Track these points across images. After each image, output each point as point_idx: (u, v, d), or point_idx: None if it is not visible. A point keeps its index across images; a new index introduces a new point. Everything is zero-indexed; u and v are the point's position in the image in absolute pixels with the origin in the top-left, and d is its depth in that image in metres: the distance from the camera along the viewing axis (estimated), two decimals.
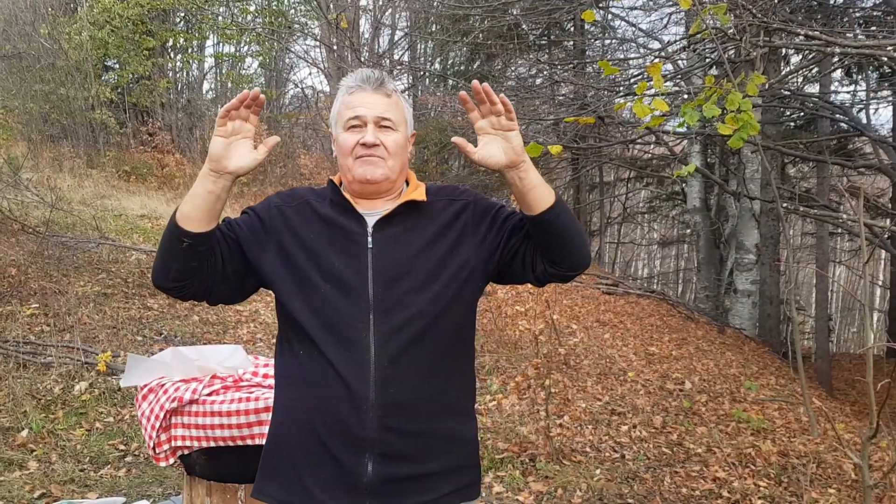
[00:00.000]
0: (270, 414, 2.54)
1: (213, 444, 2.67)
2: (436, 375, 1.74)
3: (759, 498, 4.68)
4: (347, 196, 1.78)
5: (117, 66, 16.81)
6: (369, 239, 1.74)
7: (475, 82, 1.57)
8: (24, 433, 4.71)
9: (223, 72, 19.12)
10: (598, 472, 5.04)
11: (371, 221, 1.76)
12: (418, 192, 1.81)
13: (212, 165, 1.63)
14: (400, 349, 1.69)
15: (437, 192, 1.85)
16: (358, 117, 1.74)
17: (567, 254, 1.73)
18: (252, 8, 18.44)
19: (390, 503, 1.71)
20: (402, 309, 1.70)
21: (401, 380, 1.69)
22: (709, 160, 14.36)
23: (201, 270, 1.70)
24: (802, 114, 12.18)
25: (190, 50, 18.64)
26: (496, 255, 1.78)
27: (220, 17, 18.28)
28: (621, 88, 7.96)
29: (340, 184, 1.87)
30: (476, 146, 1.69)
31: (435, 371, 1.73)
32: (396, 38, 19.30)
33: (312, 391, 1.72)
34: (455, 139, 1.65)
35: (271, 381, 2.74)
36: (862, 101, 11.92)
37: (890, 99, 11.97)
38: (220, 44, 18.96)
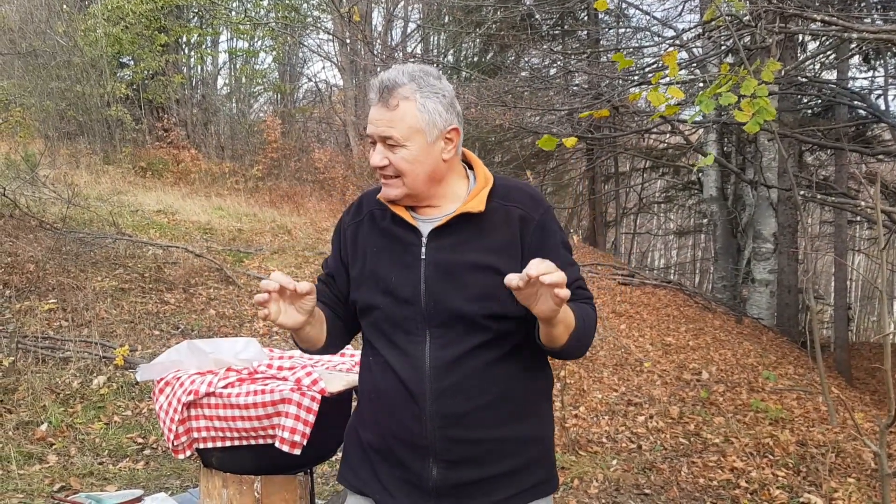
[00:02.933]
0: (286, 406, 2.57)
1: (229, 443, 2.68)
2: (496, 383, 1.71)
3: (778, 488, 4.65)
4: (398, 211, 1.76)
5: (132, 62, 16.89)
6: (423, 249, 1.72)
7: (561, 279, 1.40)
8: (44, 427, 4.76)
9: (237, 67, 19.17)
10: (614, 462, 5.03)
11: (426, 230, 1.73)
12: (477, 201, 1.72)
13: (293, 329, 1.67)
14: (455, 361, 1.67)
15: (505, 196, 1.76)
16: (370, 135, 1.71)
17: (560, 357, 1.79)
18: (265, 3, 18.46)
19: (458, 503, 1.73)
20: (456, 323, 1.68)
21: (458, 391, 1.68)
22: (725, 149, 14.24)
23: (341, 342, 1.89)
24: (820, 101, 12.05)
25: (203, 45, 18.69)
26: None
27: (233, 13, 18.32)
28: (636, 77, 7.92)
29: None
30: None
31: (495, 379, 1.70)
32: (409, 30, 19.27)
33: (380, 395, 1.76)
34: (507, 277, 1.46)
35: (286, 374, 2.75)
36: (880, 87, 11.77)
37: None
38: (234, 39, 19.02)
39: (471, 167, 1.83)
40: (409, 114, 1.66)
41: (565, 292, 1.40)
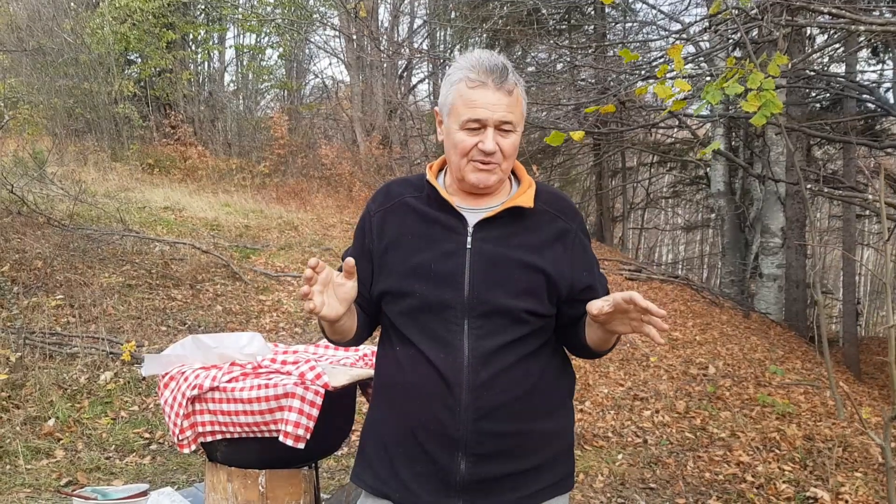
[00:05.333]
0: (289, 400, 2.57)
1: (234, 435, 2.69)
2: (529, 377, 1.72)
3: (784, 482, 4.63)
4: (446, 196, 1.74)
5: (139, 59, 16.93)
6: (468, 239, 1.71)
7: (661, 313, 1.47)
8: (51, 422, 4.78)
9: (244, 63, 19.19)
10: (620, 456, 5.03)
11: (472, 220, 1.73)
12: (525, 197, 1.74)
13: (329, 322, 1.66)
14: (493, 353, 1.67)
15: (548, 201, 1.79)
16: (478, 120, 1.65)
17: (583, 357, 1.86)
18: None
19: (483, 500, 1.71)
20: (497, 314, 1.68)
21: (494, 383, 1.67)
22: (733, 143, 14.18)
23: (367, 334, 1.87)
24: (828, 94, 11.98)
25: (210, 42, 18.72)
26: (570, 294, 1.76)
27: (239, 9, 18.33)
28: (642, 71, 7.87)
29: (441, 169, 1.84)
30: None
31: (528, 373, 1.71)
32: (415, 25, 19.23)
33: (410, 387, 1.72)
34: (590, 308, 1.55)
35: (290, 368, 2.76)
36: (889, 80, 11.70)
37: None
38: (241, 35, 19.05)
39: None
40: (520, 100, 1.70)
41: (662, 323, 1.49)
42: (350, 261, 1.58)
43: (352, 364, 3.01)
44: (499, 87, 1.65)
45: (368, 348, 3.11)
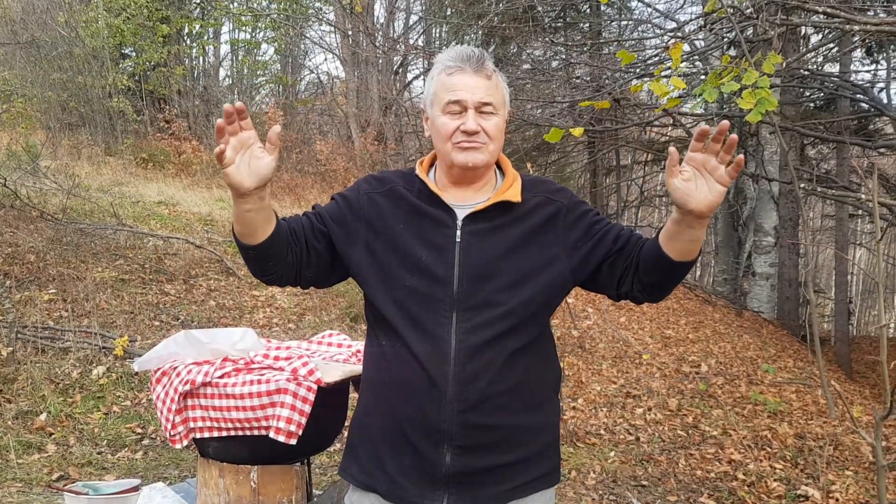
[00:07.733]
0: (282, 396, 2.57)
1: (226, 433, 2.69)
2: (515, 371, 1.72)
3: (775, 480, 4.65)
4: (435, 189, 1.75)
5: (133, 53, 16.86)
6: (458, 233, 1.72)
7: (725, 123, 1.43)
8: (43, 417, 4.77)
9: (239, 58, 19.13)
10: (612, 454, 5.04)
11: (461, 215, 1.73)
12: (513, 191, 1.75)
13: (235, 193, 1.59)
14: (480, 346, 1.67)
15: (533, 188, 1.80)
16: (458, 102, 1.69)
17: (662, 292, 1.75)
18: None
19: (469, 492, 1.72)
20: (486, 308, 1.68)
21: (480, 376, 1.68)
22: None
23: (282, 264, 1.73)
24: (822, 94, 12.01)
25: (205, 37, 18.65)
26: (587, 265, 1.75)
27: (234, 4, 18.27)
28: (637, 69, 7.88)
29: (431, 165, 1.85)
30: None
31: (514, 367, 1.72)
32: (411, 22, 19.20)
33: (396, 381, 1.73)
34: (672, 150, 1.48)
35: (282, 364, 2.76)
36: (883, 80, 11.73)
37: None
38: (236, 30, 18.98)
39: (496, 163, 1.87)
40: (499, 86, 1.75)
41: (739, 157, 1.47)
42: (276, 128, 1.56)
43: (345, 360, 3.01)
44: (476, 70, 1.70)
45: (362, 344, 3.11)
